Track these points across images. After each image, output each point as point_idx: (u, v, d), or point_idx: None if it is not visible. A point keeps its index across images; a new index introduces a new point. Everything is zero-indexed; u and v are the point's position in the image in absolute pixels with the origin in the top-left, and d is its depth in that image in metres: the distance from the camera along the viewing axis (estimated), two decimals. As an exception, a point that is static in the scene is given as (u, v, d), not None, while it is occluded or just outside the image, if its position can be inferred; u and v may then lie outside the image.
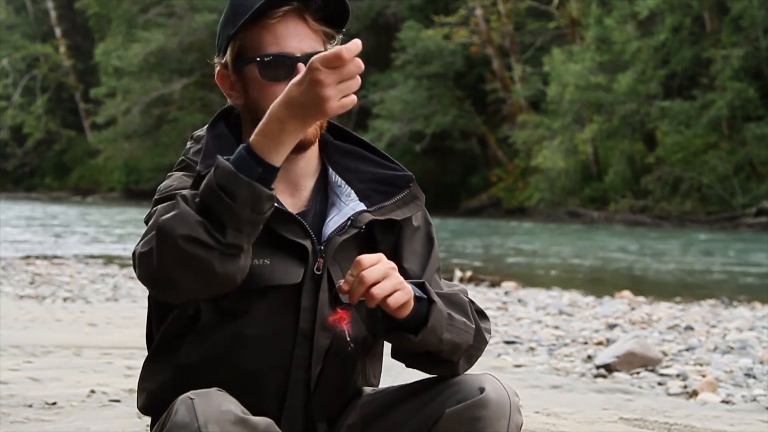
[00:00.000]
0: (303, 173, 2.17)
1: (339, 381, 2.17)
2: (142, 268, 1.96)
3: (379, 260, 1.96)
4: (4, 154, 51.46)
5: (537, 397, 4.96)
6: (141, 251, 1.95)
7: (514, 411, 2.07)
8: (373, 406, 2.17)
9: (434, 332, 2.05)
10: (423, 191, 2.28)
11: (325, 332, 2.11)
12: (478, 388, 2.07)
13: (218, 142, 2.12)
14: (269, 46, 2.08)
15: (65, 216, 28.61)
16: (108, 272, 11.98)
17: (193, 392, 1.95)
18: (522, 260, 17.26)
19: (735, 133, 31.38)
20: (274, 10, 2.07)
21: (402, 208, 2.18)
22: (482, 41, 38.10)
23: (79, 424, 3.89)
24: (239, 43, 2.11)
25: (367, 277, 1.93)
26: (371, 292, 1.94)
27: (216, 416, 1.90)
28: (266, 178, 1.89)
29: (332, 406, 2.18)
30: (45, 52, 51.29)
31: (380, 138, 36.10)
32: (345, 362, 2.16)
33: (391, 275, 1.96)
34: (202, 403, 1.92)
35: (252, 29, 2.08)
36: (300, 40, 2.08)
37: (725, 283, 13.71)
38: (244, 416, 1.92)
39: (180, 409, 1.92)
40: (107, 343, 6.22)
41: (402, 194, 2.20)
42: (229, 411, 1.91)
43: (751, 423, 4.50)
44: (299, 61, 2.06)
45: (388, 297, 1.95)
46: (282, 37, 2.08)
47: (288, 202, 2.15)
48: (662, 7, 31.93)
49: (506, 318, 8.34)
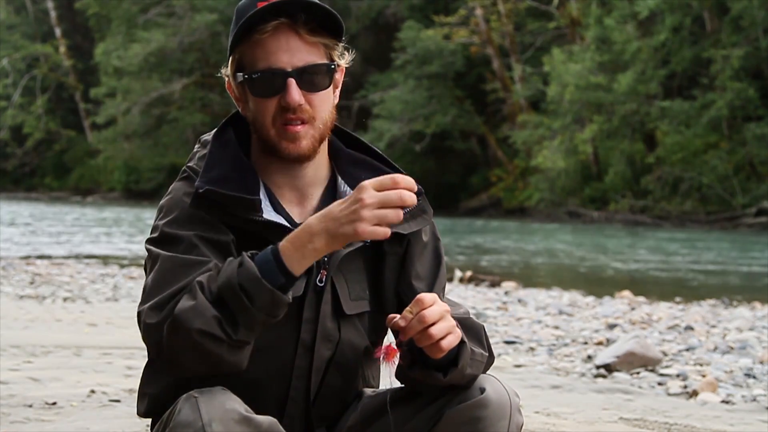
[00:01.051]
0: (311, 181, 2.16)
1: (339, 390, 2.17)
2: (149, 339, 1.97)
3: (435, 301, 1.96)
4: (4, 154, 51.46)
5: (537, 397, 4.95)
6: (149, 322, 1.96)
7: (514, 411, 2.07)
8: (374, 408, 2.17)
9: (462, 372, 2.05)
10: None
11: (327, 343, 2.11)
12: (479, 388, 2.07)
13: (223, 151, 2.11)
14: (259, 62, 2.06)
15: (65, 216, 28.60)
16: (108, 272, 11.98)
17: (197, 390, 1.95)
18: (522, 260, 17.26)
19: (735, 133, 31.39)
20: (263, 25, 2.04)
21: (410, 221, 2.15)
22: (482, 41, 38.11)
23: (79, 424, 3.88)
24: (238, 57, 2.10)
25: (428, 317, 1.93)
26: (429, 331, 1.94)
27: (220, 414, 1.90)
28: (287, 287, 1.92)
29: (331, 413, 2.18)
30: (45, 52, 51.28)
31: (380, 138, 36.11)
32: (346, 372, 2.16)
33: (446, 317, 1.97)
34: (206, 401, 1.91)
35: (246, 44, 2.07)
36: (291, 55, 2.05)
37: (725, 283, 13.70)
38: (248, 414, 1.92)
39: (184, 407, 1.92)
40: (107, 343, 6.22)
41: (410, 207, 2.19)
42: (233, 409, 1.91)
43: (751, 423, 4.50)
44: (289, 75, 2.05)
45: (442, 339, 1.96)
46: (271, 51, 2.05)
47: (295, 211, 2.14)
48: (662, 7, 31.94)
49: (506, 318, 8.33)
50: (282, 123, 2.06)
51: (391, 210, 1.88)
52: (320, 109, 2.09)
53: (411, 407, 2.13)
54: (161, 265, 2.00)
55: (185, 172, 2.14)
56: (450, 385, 2.06)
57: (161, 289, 1.98)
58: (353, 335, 2.14)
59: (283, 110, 2.06)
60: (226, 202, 2.04)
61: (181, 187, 2.12)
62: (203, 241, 2.03)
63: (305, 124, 2.07)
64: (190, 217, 2.05)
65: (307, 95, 2.06)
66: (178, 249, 2.02)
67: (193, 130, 44.35)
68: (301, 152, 2.08)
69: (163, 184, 44.02)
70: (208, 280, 1.93)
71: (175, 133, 45.08)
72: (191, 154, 2.19)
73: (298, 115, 2.06)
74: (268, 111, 2.06)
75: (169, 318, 1.92)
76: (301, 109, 2.06)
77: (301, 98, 2.05)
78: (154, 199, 42.66)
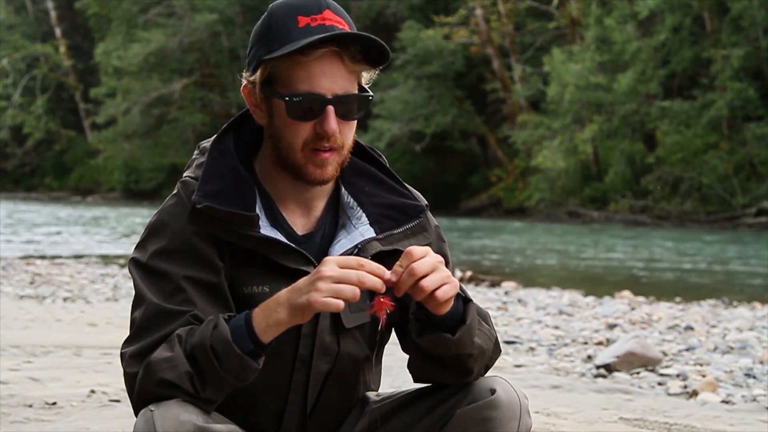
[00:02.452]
0: (316, 194, 2.15)
1: (338, 401, 2.16)
2: (128, 384, 2.01)
3: (427, 253, 1.93)
4: (4, 154, 51.45)
5: (537, 397, 4.95)
6: (128, 371, 2.00)
7: (524, 413, 2.07)
8: (382, 411, 2.16)
9: (470, 332, 2.03)
10: (423, 191, 2.27)
11: (325, 357, 2.10)
12: (489, 389, 2.07)
13: (220, 162, 2.09)
14: (300, 83, 2.01)
15: (65, 216, 28.60)
16: (108, 272, 11.98)
17: (154, 404, 1.94)
18: (522, 260, 17.26)
19: (735, 133, 31.38)
20: (312, 50, 2.00)
21: (410, 238, 2.15)
22: (482, 41, 38.10)
23: (79, 424, 3.88)
24: (270, 69, 2.05)
25: (417, 269, 1.90)
26: (421, 284, 1.90)
27: (175, 427, 1.89)
28: (257, 354, 1.93)
29: (329, 423, 2.17)
30: (45, 52, 51.27)
31: (380, 138, 36.11)
32: (345, 384, 2.15)
33: (440, 268, 1.93)
34: (160, 414, 1.91)
35: (286, 60, 2.02)
36: (333, 81, 2.02)
37: (725, 283, 13.70)
38: (204, 425, 1.91)
39: (139, 421, 1.94)
40: (107, 343, 6.21)
41: (412, 224, 2.17)
42: (188, 421, 1.90)
43: (751, 423, 4.50)
44: (329, 103, 2.01)
45: (436, 290, 1.92)
46: (315, 76, 2.01)
47: (298, 222, 2.13)
48: (662, 7, 31.93)
49: (506, 318, 8.34)
50: (313, 149, 2.04)
51: (348, 287, 1.86)
52: (348, 136, 2.08)
53: (421, 407, 2.13)
54: (146, 310, 2.01)
55: (179, 186, 2.11)
56: (461, 347, 2.02)
57: (143, 336, 2.00)
58: (352, 347, 2.13)
59: (317, 137, 2.03)
60: (223, 218, 2.03)
61: (172, 209, 2.09)
62: (191, 284, 2.02)
63: (333, 152, 2.06)
64: (180, 246, 2.04)
65: (340, 123, 2.05)
66: (165, 291, 2.02)
67: (193, 130, 44.36)
68: (325, 178, 2.08)
69: (163, 184, 44.03)
70: (187, 335, 1.96)
71: (175, 133, 45.07)
72: (189, 161, 2.17)
73: (330, 143, 2.04)
74: (300, 135, 2.04)
75: (141, 361, 1.97)
76: (334, 138, 2.04)
77: (337, 127, 2.04)
78: (154, 199, 42.66)
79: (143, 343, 1.99)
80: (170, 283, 2.02)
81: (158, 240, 2.06)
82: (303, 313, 1.90)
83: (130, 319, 2.06)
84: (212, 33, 43.88)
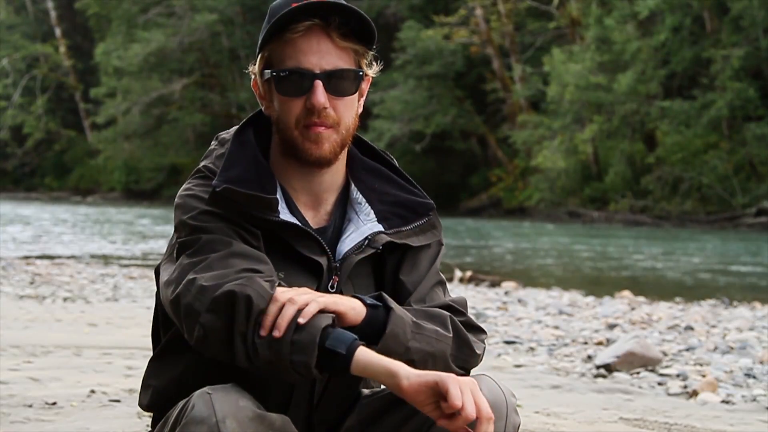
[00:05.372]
0: (328, 187, 2.16)
1: (343, 395, 2.17)
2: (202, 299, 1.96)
3: (305, 291, 1.96)
4: (4, 154, 51.48)
5: (537, 397, 4.95)
6: (206, 285, 1.95)
7: (510, 411, 2.06)
8: (372, 408, 2.17)
9: (396, 339, 2.00)
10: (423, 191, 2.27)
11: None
12: None
13: (241, 152, 2.11)
14: (288, 60, 2.06)
15: (65, 216, 28.60)
16: (108, 272, 11.98)
17: (210, 387, 1.94)
18: (522, 260, 17.27)
19: (735, 133, 31.39)
20: (295, 24, 2.04)
21: (419, 235, 2.16)
22: (482, 41, 38.13)
23: (79, 424, 3.88)
24: (267, 54, 2.09)
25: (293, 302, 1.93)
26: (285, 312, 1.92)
27: (233, 411, 1.90)
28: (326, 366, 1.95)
29: (333, 417, 2.18)
30: (45, 52, 51.30)
31: (380, 138, 36.11)
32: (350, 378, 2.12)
33: (308, 292, 1.95)
34: (219, 397, 1.91)
35: (277, 42, 2.06)
36: (321, 57, 2.05)
37: (725, 283, 13.71)
38: (261, 412, 1.93)
39: (198, 403, 1.92)
40: (107, 343, 6.21)
41: (420, 221, 2.18)
42: (247, 406, 1.92)
43: (751, 423, 4.50)
44: (317, 77, 2.04)
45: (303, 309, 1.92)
46: (302, 51, 2.05)
47: (309, 215, 2.14)
48: (662, 7, 31.95)
49: (506, 318, 8.33)
50: (305, 125, 2.06)
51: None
52: (344, 115, 2.09)
53: (410, 406, 2.12)
54: (216, 246, 1.99)
55: (201, 171, 2.13)
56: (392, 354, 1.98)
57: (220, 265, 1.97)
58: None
59: (308, 112, 2.06)
60: (243, 201, 2.04)
61: (197, 186, 2.10)
62: (237, 235, 2.03)
63: (329, 128, 2.07)
64: (212, 213, 2.05)
65: (332, 99, 2.06)
66: (226, 236, 2.02)
67: (193, 130, 44.39)
68: (322, 155, 2.08)
69: (163, 184, 44.02)
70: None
71: (175, 133, 45.11)
72: (207, 151, 2.18)
73: (322, 120, 2.06)
74: (292, 111, 2.06)
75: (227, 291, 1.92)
76: (325, 113, 2.05)
77: (327, 101, 2.05)
78: (154, 199, 42.63)
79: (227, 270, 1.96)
80: (226, 231, 2.02)
81: (192, 211, 2.06)
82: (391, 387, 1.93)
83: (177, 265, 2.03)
84: (212, 33, 43.89)
